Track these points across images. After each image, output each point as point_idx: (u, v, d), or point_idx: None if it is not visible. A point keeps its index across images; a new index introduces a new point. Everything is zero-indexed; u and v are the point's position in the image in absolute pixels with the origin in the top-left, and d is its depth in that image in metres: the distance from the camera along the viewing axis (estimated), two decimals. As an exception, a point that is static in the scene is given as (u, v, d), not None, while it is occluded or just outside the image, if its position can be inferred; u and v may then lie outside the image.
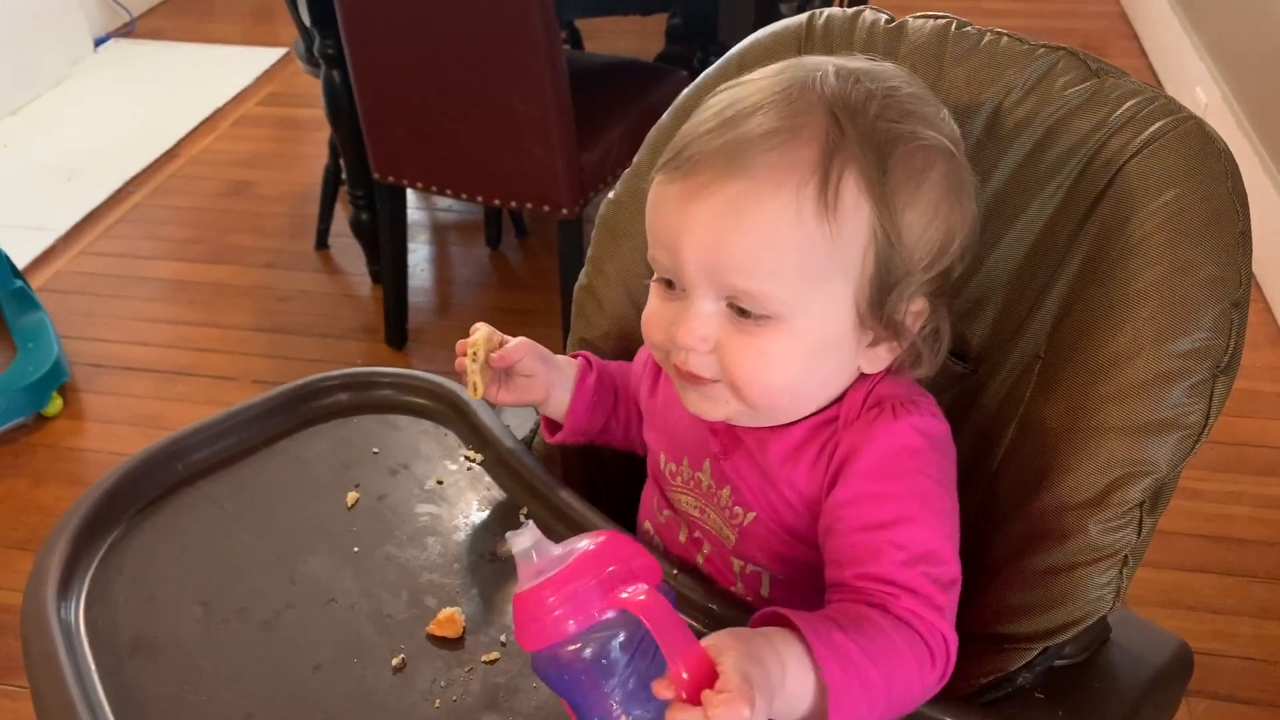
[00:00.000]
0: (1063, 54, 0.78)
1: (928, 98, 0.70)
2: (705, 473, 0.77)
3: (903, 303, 0.68)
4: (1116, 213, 0.72)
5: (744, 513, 0.75)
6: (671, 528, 0.81)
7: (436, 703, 0.67)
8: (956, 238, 0.69)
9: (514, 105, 1.79)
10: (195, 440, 0.85)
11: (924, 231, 0.67)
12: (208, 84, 3.27)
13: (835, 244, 0.65)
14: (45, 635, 0.69)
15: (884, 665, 0.60)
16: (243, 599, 0.74)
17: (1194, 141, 0.72)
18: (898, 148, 0.66)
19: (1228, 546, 1.71)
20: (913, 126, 0.67)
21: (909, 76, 0.71)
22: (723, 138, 0.65)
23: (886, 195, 0.65)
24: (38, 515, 1.84)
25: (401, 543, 0.79)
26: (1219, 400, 0.69)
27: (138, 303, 2.39)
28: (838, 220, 0.64)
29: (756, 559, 0.75)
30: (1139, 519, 0.70)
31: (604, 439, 0.89)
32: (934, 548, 0.65)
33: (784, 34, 0.87)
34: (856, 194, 0.64)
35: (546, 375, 0.84)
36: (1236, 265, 0.69)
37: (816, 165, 0.64)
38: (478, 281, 2.47)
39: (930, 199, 0.67)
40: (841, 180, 0.64)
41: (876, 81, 0.67)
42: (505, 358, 0.82)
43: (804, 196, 0.64)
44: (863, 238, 0.65)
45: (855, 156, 0.64)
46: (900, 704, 0.62)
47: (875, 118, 0.65)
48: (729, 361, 0.67)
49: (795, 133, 0.64)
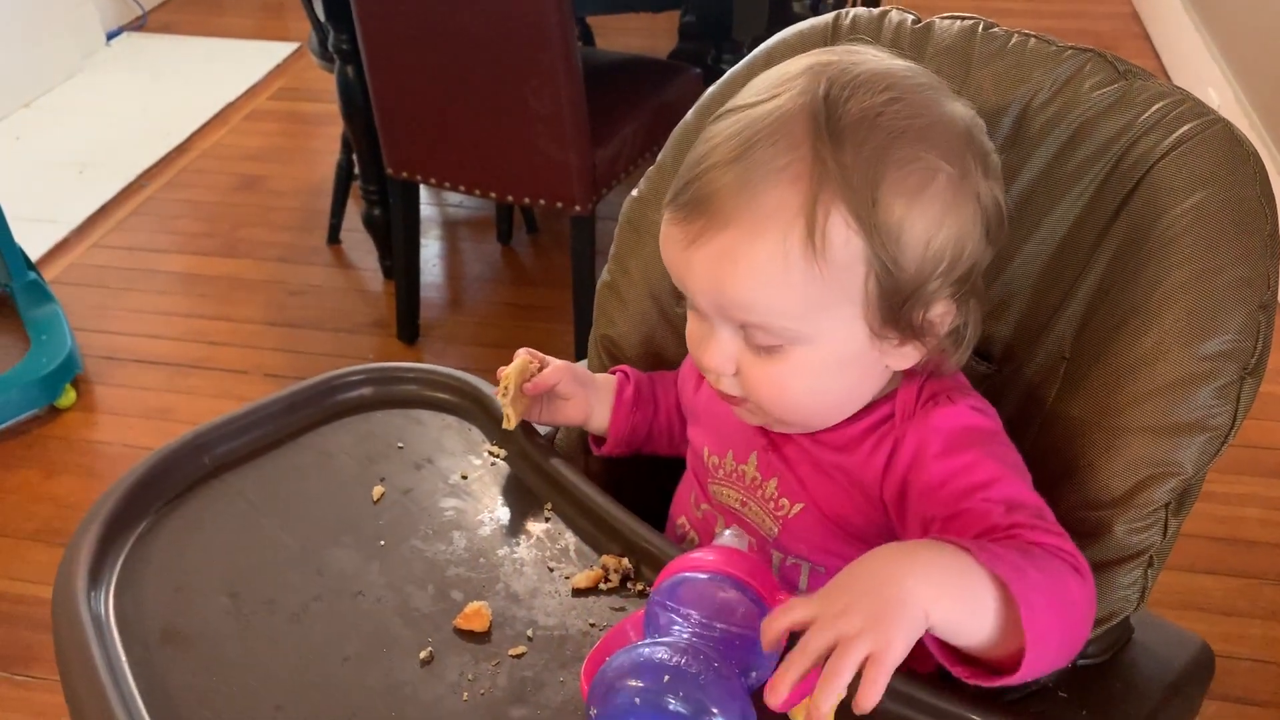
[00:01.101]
0: (1091, 55, 0.78)
1: (931, 97, 0.67)
2: (751, 465, 0.78)
3: (919, 311, 0.68)
4: (1144, 214, 0.73)
5: (790, 504, 0.76)
6: (709, 522, 0.82)
7: (464, 695, 0.68)
8: (966, 244, 0.67)
9: (528, 101, 1.79)
10: (221, 433, 0.85)
11: (928, 246, 0.66)
12: (219, 78, 3.27)
13: (830, 280, 0.65)
14: (76, 626, 0.69)
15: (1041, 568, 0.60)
16: (271, 591, 0.75)
17: (1223, 144, 0.72)
18: (889, 173, 0.64)
19: (1239, 549, 1.71)
20: (908, 147, 0.64)
21: (913, 76, 0.68)
22: (717, 182, 0.65)
23: (879, 224, 0.64)
24: (50, 507, 1.85)
25: (427, 537, 0.79)
26: (1246, 402, 0.69)
27: (150, 296, 2.39)
28: (828, 259, 0.64)
29: (798, 551, 0.76)
30: (1165, 520, 0.70)
31: (649, 448, 0.91)
32: (1025, 499, 0.67)
33: (810, 34, 0.88)
34: (846, 231, 0.64)
35: (585, 396, 0.87)
36: (1265, 267, 0.69)
37: (800, 209, 0.64)
38: (489, 277, 2.47)
39: (932, 214, 0.65)
40: (829, 220, 0.63)
41: (870, 94, 0.65)
42: (537, 386, 0.84)
43: (790, 242, 0.64)
44: (860, 268, 0.65)
45: (841, 193, 0.63)
46: (1072, 608, 0.61)
47: (862, 144, 0.64)
48: (750, 386, 0.70)
49: (780, 174, 0.64)
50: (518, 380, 0.83)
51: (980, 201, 0.68)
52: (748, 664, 0.64)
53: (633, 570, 0.76)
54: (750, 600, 0.65)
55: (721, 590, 0.65)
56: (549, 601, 0.74)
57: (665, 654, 0.61)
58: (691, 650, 0.61)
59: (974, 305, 0.71)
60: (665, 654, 0.61)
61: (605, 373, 0.92)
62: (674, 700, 0.59)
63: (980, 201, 0.68)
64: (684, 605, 0.64)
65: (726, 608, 0.64)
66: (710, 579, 0.65)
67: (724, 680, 0.60)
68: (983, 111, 0.77)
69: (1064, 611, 0.61)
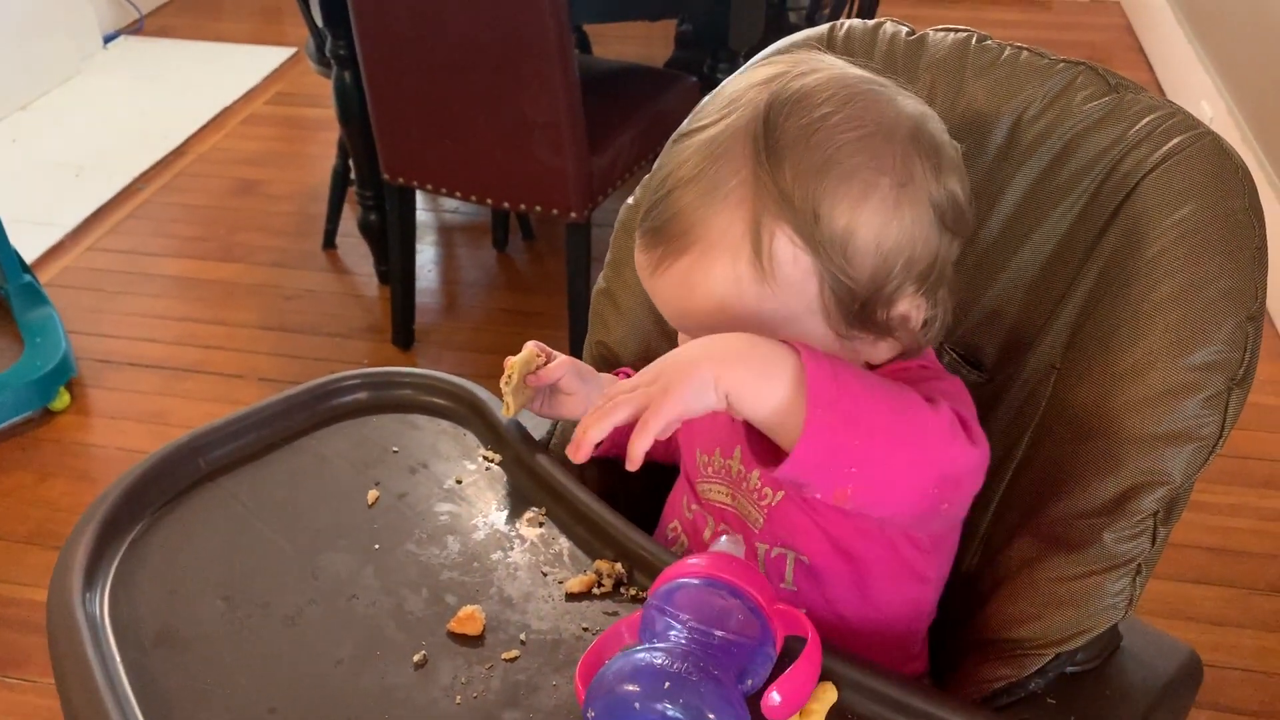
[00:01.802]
0: (1082, 69, 0.79)
1: (872, 104, 0.68)
2: (735, 459, 0.80)
3: (883, 310, 0.69)
4: (1134, 226, 0.74)
5: (773, 493, 0.77)
6: (698, 523, 0.83)
7: (458, 699, 0.68)
8: (923, 240, 0.68)
9: (525, 108, 1.80)
10: (216, 437, 0.86)
11: (878, 251, 0.67)
12: (216, 82, 3.28)
13: (784, 298, 0.67)
14: (71, 627, 0.69)
15: (888, 389, 0.63)
16: (265, 594, 0.75)
17: (1211, 157, 0.73)
18: (829, 187, 0.65)
19: (1230, 559, 1.72)
20: (847, 160, 0.66)
21: (856, 84, 0.69)
22: (671, 208, 0.68)
23: (824, 239, 0.66)
24: (44, 510, 1.85)
25: (422, 541, 0.79)
26: (1234, 412, 0.70)
27: (145, 299, 2.39)
28: (778, 278, 0.66)
29: (783, 540, 0.77)
30: (1153, 528, 0.71)
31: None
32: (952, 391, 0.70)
33: (803, 45, 0.88)
34: (792, 249, 0.66)
35: (586, 393, 0.88)
36: (1252, 279, 0.70)
37: (745, 233, 0.66)
38: (484, 283, 2.48)
39: (877, 221, 0.66)
40: (774, 240, 0.66)
41: (812, 110, 0.66)
42: (541, 379, 0.86)
43: (740, 266, 0.67)
44: (813, 282, 0.67)
45: (783, 214, 0.65)
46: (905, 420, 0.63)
47: (801, 161, 0.65)
48: None
49: (724, 200, 0.67)
50: (522, 371, 0.85)
51: (931, 199, 0.69)
52: (743, 671, 0.65)
53: (626, 575, 0.77)
54: (747, 608, 0.65)
55: (719, 597, 0.65)
56: (542, 606, 0.75)
57: (664, 659, 0.61)
58: (689, 656, 0.61)
59: (944, 295, 0.72)
60: (664, 659, 0.61)
61: (608, 373, 0.92)
62: (672, 706, 0.59)
63: (931, 199, 0.69)
64: (681, 610, 0.65)
65: (723, 614, 0.65)
66: (707, 585, 0.66)
67: (721, 687, 0.61)
68: (975, 123, 0.78)
69: (892, 415, 0.63)
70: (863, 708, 0.66)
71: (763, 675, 0.66)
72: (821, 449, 0.60)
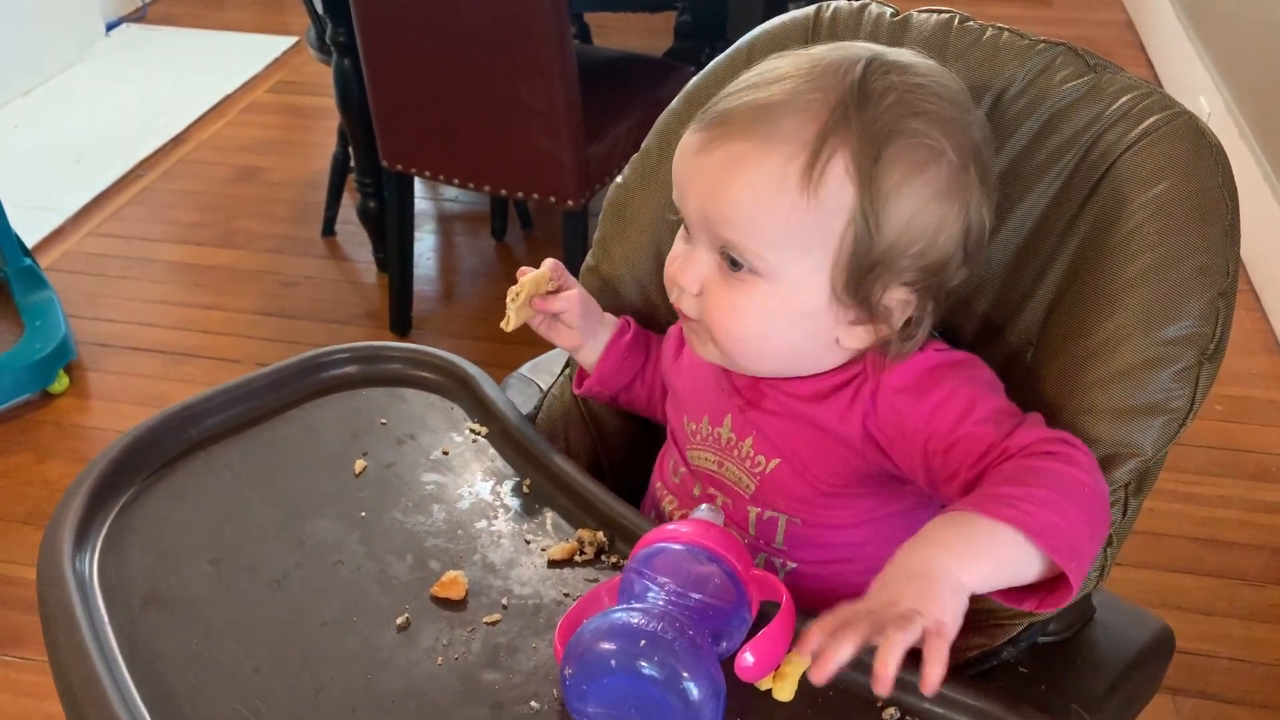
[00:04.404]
0: (1062, 49, 0.80)
1: (957, 101, 0.72)
2: (725, 427, 0.81)
3: (878, 288, 0.71)
4: (1109, 204, 0.75)
5: (767, 460, 0.78)
6: (686, 484, 0.85)
7: (439, 660, 0.69)
8: (942, 236, 0.70)
9: (523, 96, 1.81)
10: (207, 407, 0.87)
11: (909, 224, 0.69)
12: (218, 70, 3.29)
13: (814, 216, 0.68)
14: (61, 586, 0.71)
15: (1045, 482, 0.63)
16: (252, 559, 0.76)
17: (1187, 136, 0.74)
18: (898, 140, 0.68)
19: (1218, 549, 1.73)
20: (922, 125, 0.69)
21: (951, 81, 0.73)
22: (742, 99, 0.70)
23: (874, 182, 0.68)
24: (42, 490, 1.87)
25: (407, 509, 0.81)
26: (1204, 386, 0.71)
27: (145, 284, 2.41)
28: (819, 196, 0.68)
29: (775, 505, 0.79)
30: (1124, 500, 0.72)
31: (627, 397, 0.94)
32: (1006, 407, 0.70)
33: (792, 26, 0.90)
34: (843, 176, 0.68)
35: (585, 328, 0.90)
36: (1224, 256, 0.71)
37: (809, 142, 0.68)
38: (482, 272, 2.49)
39: (921, 195, 0.69)
40: (830, 160, 0.68)
41: (905, 75, 0.70)
42: (547, 306, 0.87)
43: (791, 167, 0.68)
44: (844, 217, 0.68)
45: (851, 142, 0.68)
46: (1085, 497, 0.64)
47: (885, 110, 0.68)
48: (708, 307, 0.73)
49: (803, 108, 0.68)
50: (530, 291, 0.86)
51: (970, 206, 0.71)
52: (719, 633, 0.66)
53: (607, 543, 0.78)
54: (724, 573, 0.67)
55: (697, 562, 0.67)
56: (524, 572, 0.76)
57: (641, 619, 0.62)
58: (666, 617, 0.63)
59: (931, 308, 0.73)
60: (641, 619, 0.62)
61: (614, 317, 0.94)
62: (648, 664, 0.61)
63: (970, 206, 0.71)
64: (660, 574, 0.66)
65: (701, 579, 0.66)
66: (686, 550, 0.67)
67: (697, 648, 0.62)
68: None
69: (1080, 507, 0.64)
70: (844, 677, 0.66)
71: (738, 638, 0.67)
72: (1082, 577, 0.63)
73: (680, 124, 0.92)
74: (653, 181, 0.94)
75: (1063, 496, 0.63)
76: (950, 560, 0.60)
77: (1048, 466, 0.64)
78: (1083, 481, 0.65)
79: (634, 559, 0.68)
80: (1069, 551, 0.62)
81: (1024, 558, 0.62)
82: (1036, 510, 0.61)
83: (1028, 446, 0.66)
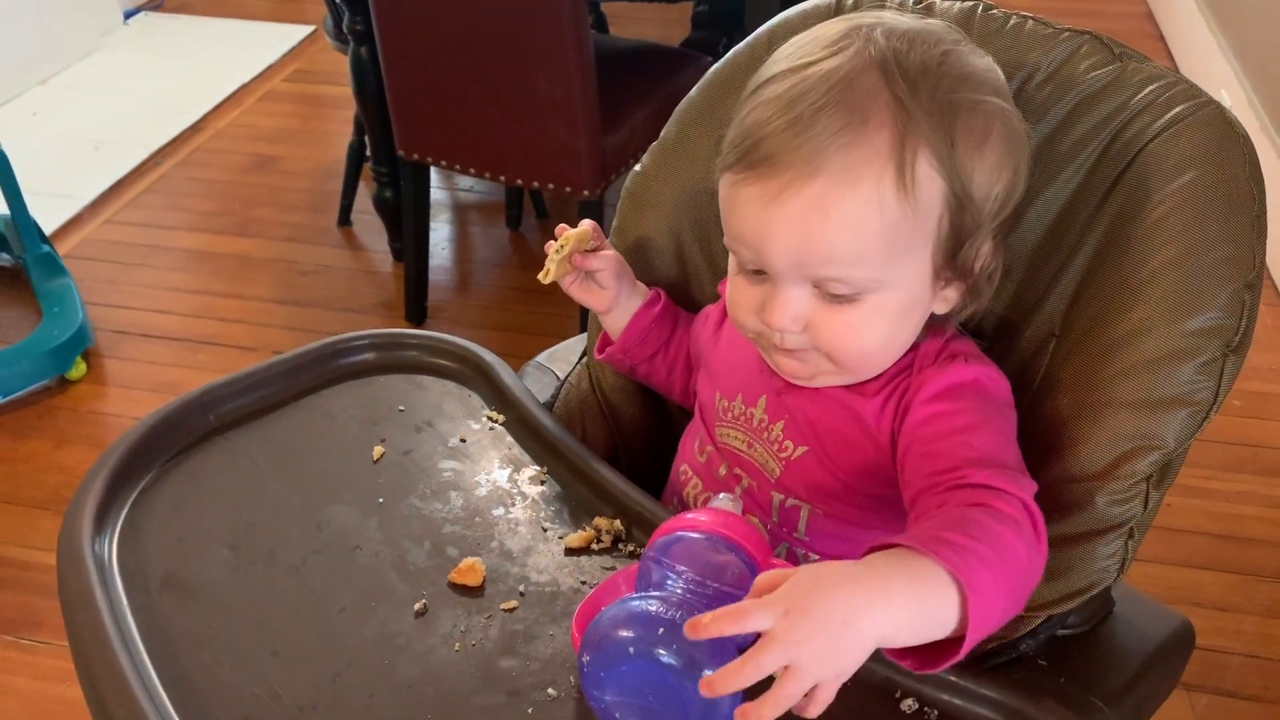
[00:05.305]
0: (1087, 38, 0.79)
1: (972, 50, 0.72)
2: (759, 408, 0.81)
3: (973, 250, 0.72)
4: (1135, 194, 0.74)
5: (794, 447, 0.78)
6: (713, 463, 0.85)
7: (456, 646, 0.70)
8: (1019, 185, 0.72)
9: (540, 86, 1.81)
10: (226, 392, 0.87)
11: (991, 187, 0.70)
12: (235, 59, 3.30)
13: (915, 219, 0.68)
14: (80, 568, 0.71)
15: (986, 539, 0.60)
16: (271, 544, 0.76)
17: (1214, 126, 0.73)
18: (959, 117, 0.68)
19: (1236, 545, 1.72)
20: (969, 92, 0.69)
21: (953, 33, 0.73)
22: (796, 137, 0.67)
23: (956, 164, 0.68)
24: (59, 475, 1.88)
25: (425, 496, 0.81)
26: (1229, 379, 0.70)
27: (161, 272, 2.42)
28: (916, 199, 0.67)
29: (798, 493, 0.78)
30: (1145, 492, 0.71)
31: (646, 369, 0.93)
32: (1000, 455, 0.68)
33: (813, 13, 0.89)
34: (930, 171, 0.68)
35: (617, 292, 0.90)
36: (1251, 247, 0.70)
37: (891, 152, 0.66)
38: (497, 262, 2.49)
39: (994, 157, 0.70)
40: (917, 161, 0.67)
41: (929, 46, 0.69)
42: (586, 263, 0.87)
43: (884, 186, 0.67)
44: (938, 206, 0.69)
45: (924, 135, 0.67)
46: (1017, 573, 0.62)
47: (934, 90, 0.68)
48: (823, 337, 0.72)
49: (864, 123, 0.66)
50: (575, 246, 0.86)
51: (1021, 139, 0.72)
52: None
53: (624, 532, 0.78)
54: (742, 562, 0.66)
55: (715, 551, 0.67)
56: (541, 559, 0.76)
57: (660, 607, 0.62)
58: (685, 605, 0.62)
59: (1003, 249, 0.75)
60: (660, 607, 0.62)
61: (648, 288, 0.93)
62: (666, 652, 0.60)
63: (1021, 139, 0.72)
64: (678, 562, 0.66)
65: (719, 568, 0.66)
66: (705, 539, 0.67)
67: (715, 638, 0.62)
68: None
69: (1009, 580, 0.61)
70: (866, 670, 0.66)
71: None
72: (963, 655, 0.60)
73: (700, 113, 0.92)
74: (671, 169, 0.93)
75: (999, 561, 0.60)
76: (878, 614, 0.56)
77: (994, 528, 0.61)
78: (1020, 555, 0.62)
79: (652, 547, 0.68)
80: (984, 619, 0.58)
81: (947, 614, 0.58)
82: (978, 563, 0.59)
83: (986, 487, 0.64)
